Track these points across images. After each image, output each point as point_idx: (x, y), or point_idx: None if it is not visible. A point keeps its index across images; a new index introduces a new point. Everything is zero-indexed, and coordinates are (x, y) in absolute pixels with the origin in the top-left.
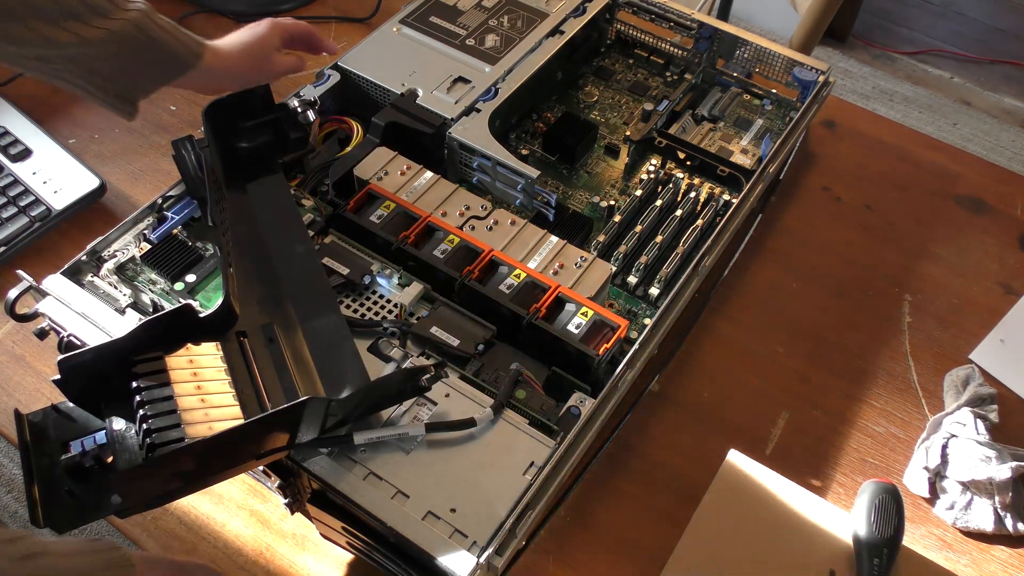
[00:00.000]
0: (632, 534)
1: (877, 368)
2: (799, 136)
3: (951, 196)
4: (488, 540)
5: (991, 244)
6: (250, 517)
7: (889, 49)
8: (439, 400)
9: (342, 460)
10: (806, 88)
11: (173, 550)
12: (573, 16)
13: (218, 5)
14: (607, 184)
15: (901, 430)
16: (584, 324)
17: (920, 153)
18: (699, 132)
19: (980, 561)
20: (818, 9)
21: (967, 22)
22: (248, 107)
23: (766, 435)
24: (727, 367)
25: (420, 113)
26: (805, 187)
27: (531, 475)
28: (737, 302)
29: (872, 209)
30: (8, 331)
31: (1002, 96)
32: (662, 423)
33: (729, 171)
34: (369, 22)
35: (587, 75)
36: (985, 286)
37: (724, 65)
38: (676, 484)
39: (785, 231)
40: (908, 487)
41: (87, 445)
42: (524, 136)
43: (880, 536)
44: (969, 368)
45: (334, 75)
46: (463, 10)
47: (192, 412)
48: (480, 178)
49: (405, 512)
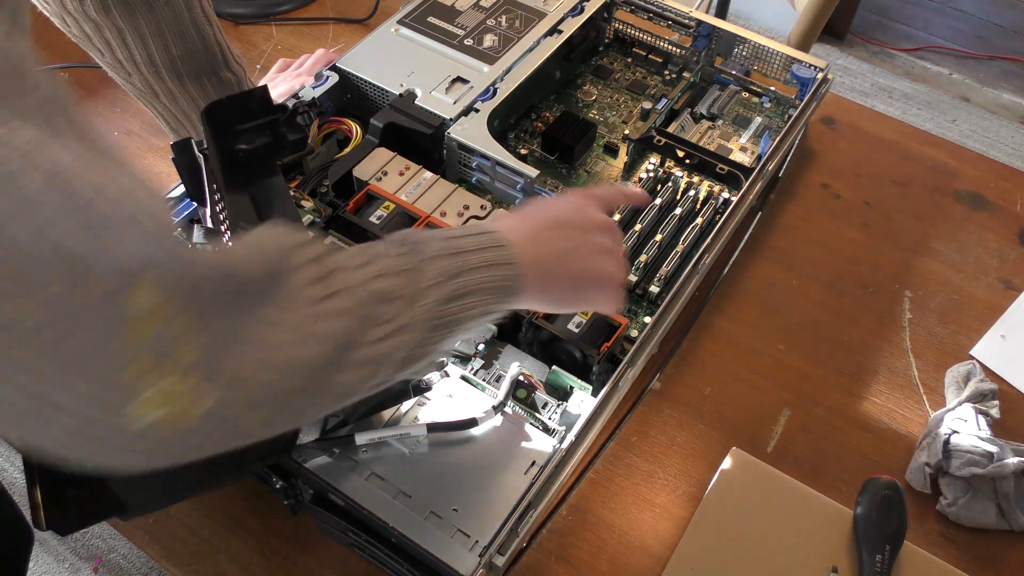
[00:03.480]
0: (634, 532)
1: (878, 365)
2: (798, 133)
3: (950, 192)
4: (490, 539)
5: (991, 240)
6: (252, 518)
7: (888, 46)
8: (440, 400)
9: (344, 461)
10: (805, 85)
11: (175, 552)
12: (571, 15)
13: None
14: (606, 183)
15: (902, 426)
16: (584, 323)
17: (919, 149)
18: (698, 130)
19: (983, 557)
20: (816, 6)
21: (965, 18)
22: (247, 109)
23: (767, 433)
24: (728, 365)
25: (419, 113)
26: (804, 184)
27: (532, 474)
28: (737, 300)
29: (872, 206)
30: None
31: (1001, 92)
32: (663, 421)
33: (728, 169)
34: (367, 23)
35: (585, 74)
36: (985, 282)
37: (722, 63)
38: (677, 482)
39: (785, 228)
40: (910, 483)
41: None
42: (523, 136)
43: (882, 533)
44: (970, 364)
45: (332, 76)
46: (461, 10)
47: None
48: (479, 178)
49: (407, 512)
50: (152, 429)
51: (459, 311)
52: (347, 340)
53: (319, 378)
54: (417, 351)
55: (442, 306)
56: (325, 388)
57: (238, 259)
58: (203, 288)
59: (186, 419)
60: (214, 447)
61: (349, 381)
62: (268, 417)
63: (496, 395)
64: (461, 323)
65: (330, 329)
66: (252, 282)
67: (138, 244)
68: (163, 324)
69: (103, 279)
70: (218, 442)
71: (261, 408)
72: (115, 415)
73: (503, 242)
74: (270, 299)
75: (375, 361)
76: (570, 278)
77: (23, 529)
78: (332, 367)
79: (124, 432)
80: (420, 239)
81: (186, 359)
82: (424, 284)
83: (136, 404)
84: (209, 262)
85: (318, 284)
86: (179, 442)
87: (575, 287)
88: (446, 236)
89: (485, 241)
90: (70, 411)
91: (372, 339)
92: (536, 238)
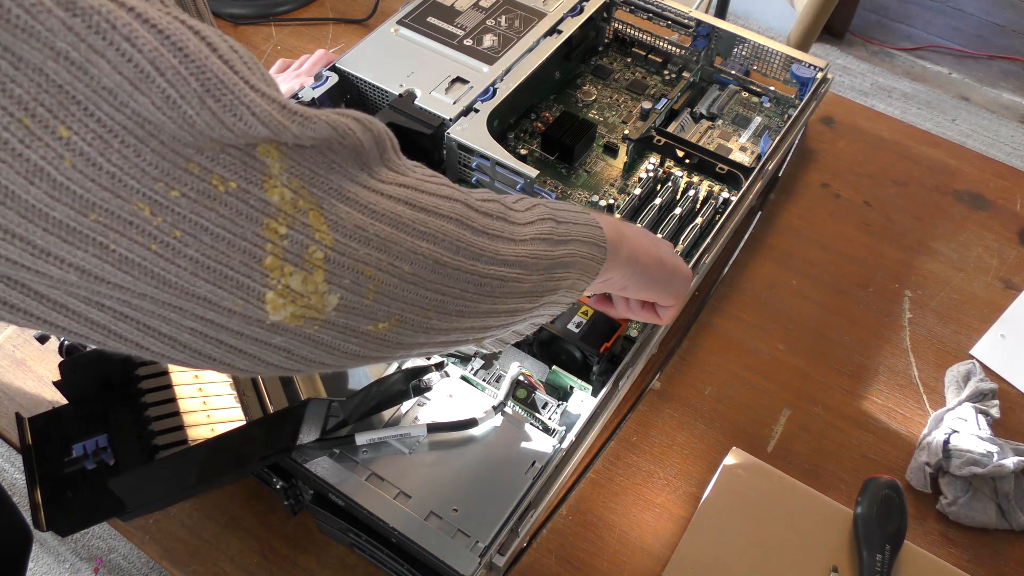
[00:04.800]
0: (634, 532)
1: (878, 364)
2: (798, 133)
3: (950, 192)
4: (490, 540)
5: (991, 239)
6: (252, 519)
7: (887, 45)
8: (440, 400)
9: (344, 461)
10: (804, 85)
11: (175, 553)
12: (570, 15)
13: (215, 8)
14: (606, 183)
15: (902, 426)
16: (584, 323)
17: (919, 149)
18: (698, 130)
19: (983, 556)
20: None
21: (965, 18)
22: None
23: (767, 432)
24: (728, 364)
25: (418, 114)
26: (804, 184)
27: (533, 474)
28: (737, 299)
29: (871, 205)
30: (9, 335)
31: (1000, 91)
32: (663, 421)
33: (728, 169)
34: (367, 23)
35: (585, 74)
36: (985, 281)
37: (722, 63)
38: (678, 482)
39: (784, 228)
40: (910, 483)
41: (89, 448)
42: (523, 136)
43: (882, 532)
44: (970, 363)
45: (332, 76)
46: (460, 10)
47: (194, 414)
48: (479, 178)
49: (407, 512)
50: (286, 325)
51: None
52: (460, 240)
53: (436, 282)
54: (526, 301)
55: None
56: (442, 301)
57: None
58: (328, 176)
59: (315, 316)
60: (347, 357)
61: (464, 296)
62: (391, 331)
63: (496, 395)
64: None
65: (443, 227)
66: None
67: (265, 114)
68: (298, 217)
69: (235, 161)
70: (343, 352)
71: (384, 318)
72: (255, 302)
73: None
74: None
75: (495, 278)
76: (653, 255)
77: (22, 530)
78: (450, 268)
79: (262, 324)
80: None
81: (316, 256)
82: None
83: (272, 294)
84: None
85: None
86: (312, 343)
87: (661, 265)
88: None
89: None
90: (210, 303)
91: (487, 250)
92: (611, 222)
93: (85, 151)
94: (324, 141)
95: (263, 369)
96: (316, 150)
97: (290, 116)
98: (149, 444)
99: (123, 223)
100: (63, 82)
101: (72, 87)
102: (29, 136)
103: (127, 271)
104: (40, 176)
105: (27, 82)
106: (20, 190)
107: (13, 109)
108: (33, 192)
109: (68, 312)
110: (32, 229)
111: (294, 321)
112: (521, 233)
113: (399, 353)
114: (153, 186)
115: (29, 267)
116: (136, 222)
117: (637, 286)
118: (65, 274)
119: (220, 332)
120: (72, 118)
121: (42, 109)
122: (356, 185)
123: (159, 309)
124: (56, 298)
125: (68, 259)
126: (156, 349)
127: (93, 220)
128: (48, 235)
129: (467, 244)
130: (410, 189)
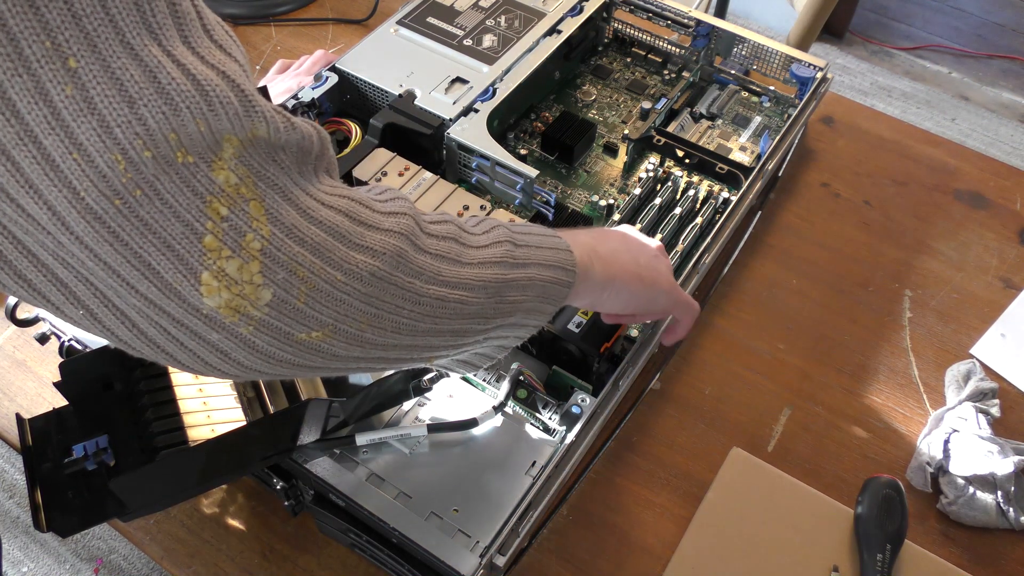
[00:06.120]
0: (635, 532)
1: (878, 364)
2: (797, 133)
3: (950, 191)
4: (491, 540)
5: (991, 238)
6: (252, 519)
7: (887, 45)
8: (441, 400)
9: (344, 461)
10: (804, 85)
11: (175, 554)
12: (570, 15)
13: (213, 8)
14: (606, 183)
15: (903, 425)
16: (584, 323)
17: (919, 148)
18: (697, 130)
19: (983, 556)
20: (815, 5)
21: (964, 17)
22: None
23: (768, 432)
24: (728, 364)
25: (418, 114)
26: (804, 183)
27: (533, 474)
28: (737, 299)
29: (871, 205)
30: (9, 336)
31: (1000, 91)
32: (664, 421)
33: (728, 168)
34: (366, 23)
35: (585, 74)
36: (985, 280)
37: (722, 62)
38: (678, 482)
39: (784, 228)
40: (911, 482)
41: (89, 449)
42: (522, 136)
43: (883, 532)
44: (970, 363)
45: (332, 77)
46: (460, 10)
47: (194, 414)
48: (479, 178)
49: (408, 513)
50: (221, 320)
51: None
52: (401, 255)
53: (370, 294)
54: (474, 322)
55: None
56: (376, 314)
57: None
58: (278, 174)
59: (248, 311)
60: (282, 366)
61: (399, 312)
62: (324, 341)
63: (496, 395)
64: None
65: (384, 241)
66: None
67: (230, 108)
68: (239, 203)
69: (201, 140)
70: (278, 360)
71: (316, 326)
72: (192, 280)
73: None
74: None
75: (434, 298)
76: (631, 272)
77: None
78: (385, 283)
79: (198, 312)
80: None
81: (252, 245)
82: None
83: (208, 275)
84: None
85: (383, 198)
86: (247, 347)
87: (640, 281)
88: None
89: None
90: (152, 272)
91: (432, 269)
92: (586, 242)
93: (87, 85)
94: (289, 143)
95: (202, 368)
96: (269, 147)
97: (282, 118)
98: (149, 445)
99: (98, 173)
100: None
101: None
102: (47, 56)
103: (90, 222)
104: (44, 99)
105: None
106: (25, 109)
107: (43, 36)
108: (35, 113)
109: (38, 264)
110: (25, 153)
111: (228, 314)
112: (471, 256)
113: (335, 366)
114: (134, 142)
115: (12, 196)
116: (109, 175)
117: (616, 305)
118: (39, 210)
119: (161, 316)
120: (83, 54)
121: (62, 38)
122: (298, 189)
123: (111, 278)
124: (28, 245)
125: (45, 195)
126: (109, 323)
127: (74, 159)
128: (35, 164)
129: (407, 261)
130: (354, 202)
